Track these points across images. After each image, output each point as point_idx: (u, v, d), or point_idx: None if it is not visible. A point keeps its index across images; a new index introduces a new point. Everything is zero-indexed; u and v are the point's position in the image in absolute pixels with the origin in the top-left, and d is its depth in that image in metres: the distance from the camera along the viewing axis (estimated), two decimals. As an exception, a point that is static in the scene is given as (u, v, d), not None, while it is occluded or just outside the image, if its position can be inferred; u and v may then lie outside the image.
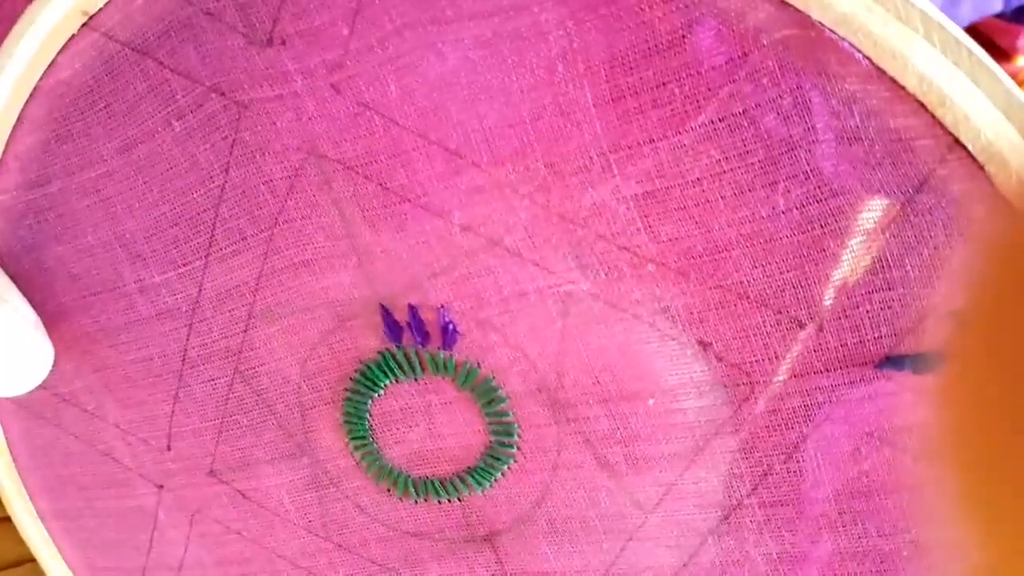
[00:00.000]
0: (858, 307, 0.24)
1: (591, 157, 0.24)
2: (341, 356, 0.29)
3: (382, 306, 0.28)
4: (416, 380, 0.29)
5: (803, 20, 0.22)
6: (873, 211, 0.23)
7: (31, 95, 0.29)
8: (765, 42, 0.22)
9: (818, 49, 0.22)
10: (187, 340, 0.31)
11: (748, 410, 0.26)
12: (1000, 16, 0.37)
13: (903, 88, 0.22)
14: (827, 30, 0.21)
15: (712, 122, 0.23)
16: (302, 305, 0.29)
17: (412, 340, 0.28)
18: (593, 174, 0.24)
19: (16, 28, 0.28)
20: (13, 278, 0.32)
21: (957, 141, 0.22)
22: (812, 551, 0.27)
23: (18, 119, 0.29)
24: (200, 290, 0.30)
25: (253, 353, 0.30)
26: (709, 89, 0.23)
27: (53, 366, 0.33)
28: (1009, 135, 0.21)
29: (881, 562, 0.26)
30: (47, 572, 0.38)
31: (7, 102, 0.29)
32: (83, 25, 0.27)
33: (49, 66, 0.28)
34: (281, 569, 0.34)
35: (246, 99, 0.27)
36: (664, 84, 0.23)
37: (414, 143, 0.25)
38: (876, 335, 0.24)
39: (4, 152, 0.30)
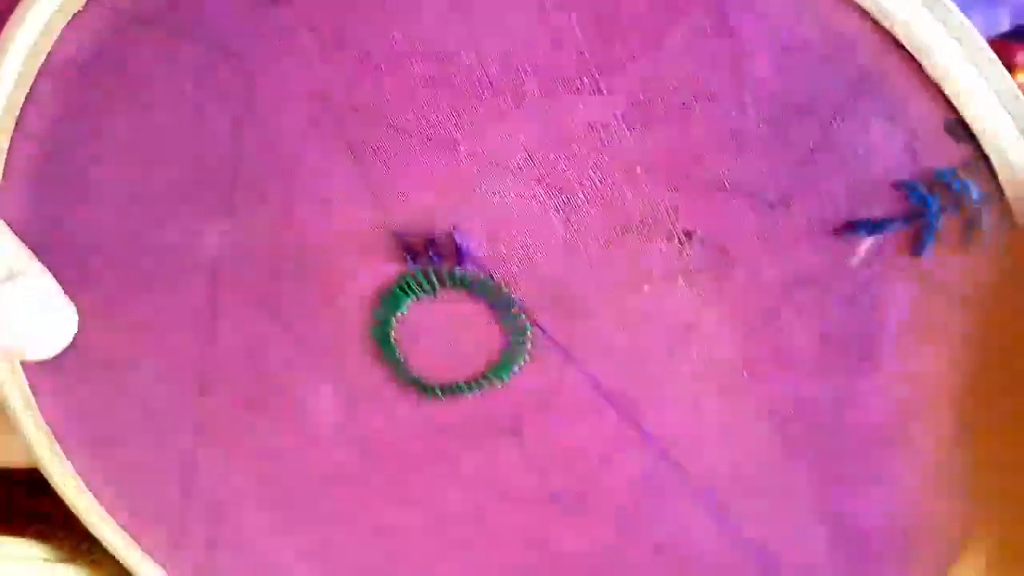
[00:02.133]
0: (818, 185, 0.28)
1: (581, 79, 0.28)
2: (364, 284, 0.32)
3: (398, 234, 0.31)
4: (435, 297, 0.32)
5: (757, -57, 0.25)
6: (826, 103, 0.27)
7: (39, 71, 0.31)
8: (726, -36, 0.26)
9: (771, -33, 0.25)
10: (215, 289, 0.33)
11: (730, 284, 0.30)
12: (1002, 35, 0.40)
13: (845, -3, 0.26)
14: (778, -50, 0.25)
15: (683, 37, 0.27)
16: (324, 243, 0.32)
17: (428, 261, 0.31)
18: (584, 93, 0.28)
19: (20, 7, 0.29)
20: (32, 247, 0.34)
21: (893, 40, 0.26)
22: (794, 394, 0.32)
23: (28, 95, 0.31)
24: (224, 240, 0.32)
25: (280, 293, 0.33)
26: (680, 9, 0.26)
27: (81, 326, 0.35)
28: (934, 30, 0.26)
29: (845, 392, 0.31)
30: (85, 521, 0.41)
31: (16, 80, 0.31)
32: (89, 0, 0.29)
33: (56, 42, 0.30)
34: (319, 485, 0.37)
35: (255, 57, 0.29)
36: (641, 9, 0.26)
37: (418, 84, 0.28)
38: (835, 207, 0.28)
39: (16, 128, 0.32)
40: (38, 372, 0.37)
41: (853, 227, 0.29)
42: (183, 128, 0.30)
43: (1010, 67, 0.43)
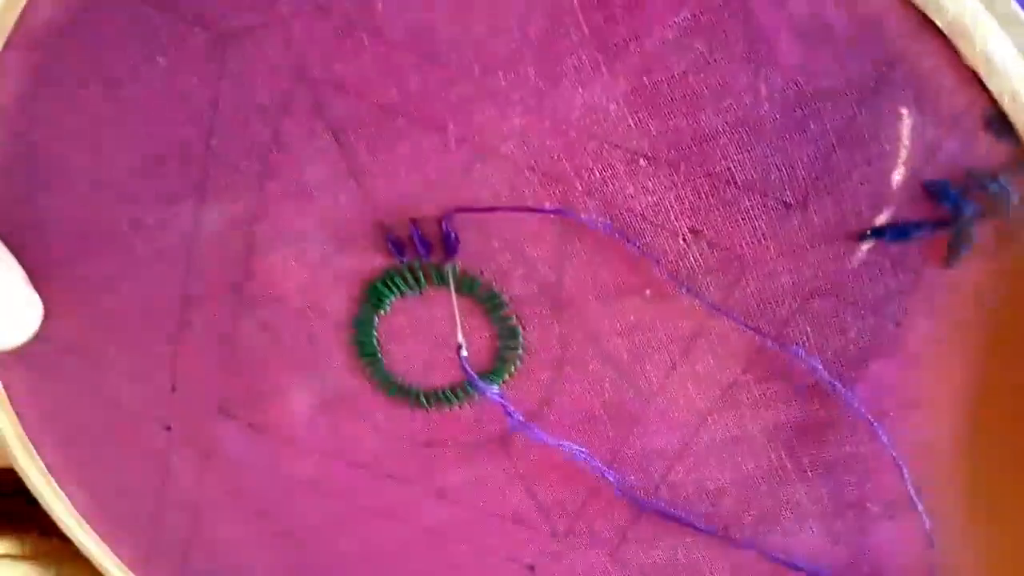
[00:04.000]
0: (839, 184, 0.25)
1: (580, 58, 0.25)
2: (344, 278, 0.30)
3: (383, 224, 0.29)
4: (420, 294, 0.30)
5: (777, -91, 0.23)
6: (850, 91, 0.24)
7: (6, 43, 0.29)
8: (742, -66, 0.23)
9: (792, -63, 0.23)
10: (186, 277, 0.31)
11: (740, 291, 0.27)
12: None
13: (873, -30, 0.23)
14: (800, -82, 0.23)
15: (694, 16, 0.24)
16: (302, 231, 0.29)
17: (414, 254, 0.29)
18: (583, 75, 0.25)
19: (-14, -26, 0.28)
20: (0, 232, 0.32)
21: (926, 18, 0.23)
22: (805, 419, 0.29)
23: (-6, 68, 0.29)
24: (196, 225, 0.30)
25: (254, 284, 0.31)
26: (690, -16, 0.24)
27: (52, 316, 0.33)
28: (972, 9, 0.23)
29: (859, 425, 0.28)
30: (61, 525, 0.39)
31: (-19, 51, 0.29)
32: (57, -35, 0.27)
33: (23, 10, 0.28)
34: (297, 496, 0.35)
35: (230, 29, 0.27)
36: (647, -18, 0.24)
37: (404, 58, 0.26)
38: (857, 209, 0.26)
39: (-19, 105, 0.30)
40: (9, 367, 0.35)
41: (877, 232, 0.26)
42: (154, 104, 0.28)
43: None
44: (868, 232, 0.26)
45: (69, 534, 0.39)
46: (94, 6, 0.28)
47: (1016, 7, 0.23)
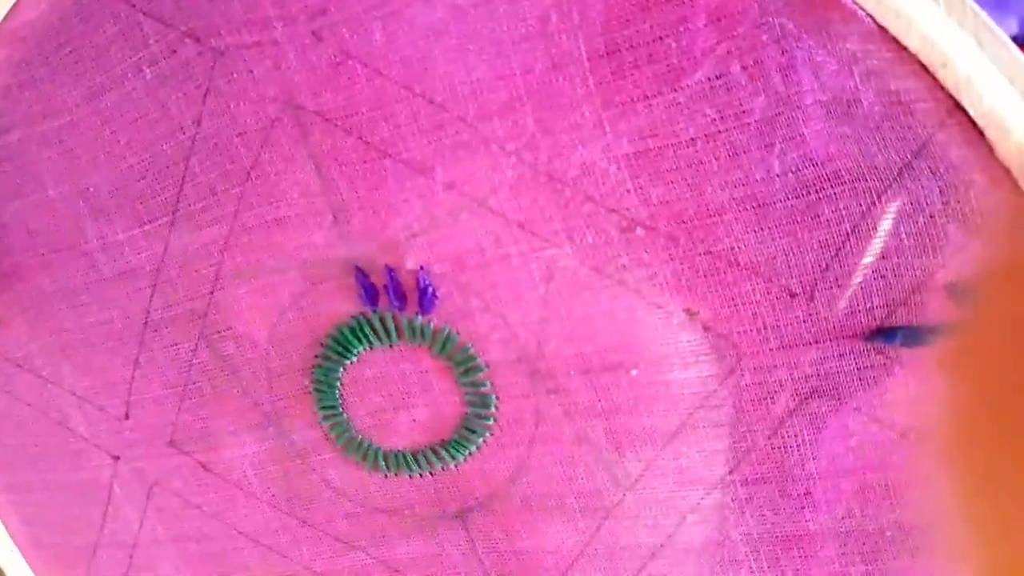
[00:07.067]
0: (850, 276, 0.23)
1: (583, 113, 0.23)
2: (313, 320, 0.28)
3: (357, 268, 0.27)
4: (391, 347, 0.28)
5: (806, -26, 0.21)
6: (869, 176, 0.22)
7: (-7, 37, 0.28)
8: (766, -3, 0.21)
9: (820, 6, 0.21)
10: (150, 302, 0.29)
11: (734, 382, 0.25)
12: (1013, 39, 0.38)
13: (905, 49, 0.21)
14: (831, -15, 0.21)
15: (708, 79, 0.22)
16: (273, 266, 0.28)
17: (388, 304, 0.27)
18: (584, 131, 0.24)
19: (-20, -36, 0.26)
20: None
21: (958, 105, 0.21)
22: (793, 531, 0.26)
23: (-22, 63, 0.28)
24: (166, 249, 0.28)
25: (219, 316, 0.29)
26: (706, 45, 0.22)
27: (6, 328, 0.32)
28: (1011, 100, 0.21)
29: (863, 543, 0.26)
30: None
31: (-33, 44, 0.28)
32: (52, -37, 0.26)
33: (13, 6, 0.27)
34: (242, 546, 0.32)
35: (222, 45, 0.25)
36: (661, 39, 0.22)
37: (398, 95, 0.24)
38: (868, 306, 0.23)
39: (-40, 100, 0.29)
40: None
41: (887, 334, 0.23)
42: (136, 117, 0.27)
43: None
44: (878, 332, 0.24)
45: None
46: (87, 9, 0.26)
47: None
